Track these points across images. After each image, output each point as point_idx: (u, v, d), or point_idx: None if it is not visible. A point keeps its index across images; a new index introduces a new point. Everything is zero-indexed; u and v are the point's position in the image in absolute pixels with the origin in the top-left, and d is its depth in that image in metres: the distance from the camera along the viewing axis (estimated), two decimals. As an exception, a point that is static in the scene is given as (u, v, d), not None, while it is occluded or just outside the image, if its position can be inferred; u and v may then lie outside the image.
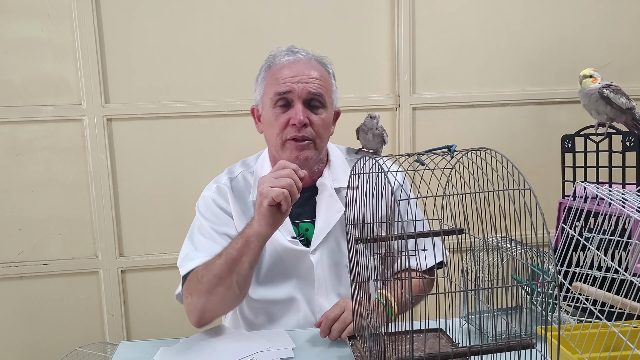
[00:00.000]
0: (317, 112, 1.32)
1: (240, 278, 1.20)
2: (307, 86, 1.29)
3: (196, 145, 2.16)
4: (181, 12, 2.11)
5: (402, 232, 0.82)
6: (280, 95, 1.30)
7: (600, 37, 2.31)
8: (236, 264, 1.19)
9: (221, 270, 1.20)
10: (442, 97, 2.26)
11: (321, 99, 1.31)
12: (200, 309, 1.23)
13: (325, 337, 1.18)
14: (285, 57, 1.35)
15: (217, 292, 1.21)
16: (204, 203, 1.38)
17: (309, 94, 1.29)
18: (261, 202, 1.15)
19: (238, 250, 1.19)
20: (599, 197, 1.10)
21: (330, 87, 1.37)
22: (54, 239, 2.15)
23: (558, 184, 1.50)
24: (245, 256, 1.19)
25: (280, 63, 1.34)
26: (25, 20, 2.04)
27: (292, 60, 1.33)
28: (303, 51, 1.37)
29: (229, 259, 1.20)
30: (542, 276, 0.89)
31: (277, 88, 1.30)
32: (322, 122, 1.32)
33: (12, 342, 2.17)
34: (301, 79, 1.29)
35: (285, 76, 1.30)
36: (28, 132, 2.09)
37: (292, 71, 1.31)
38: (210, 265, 1.22)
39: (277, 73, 1.32)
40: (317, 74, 1.32)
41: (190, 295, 1.24)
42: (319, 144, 1.34)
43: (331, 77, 1.39)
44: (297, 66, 1.32)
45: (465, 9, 2.24)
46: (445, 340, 1.11)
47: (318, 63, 1.36)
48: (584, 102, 1.42)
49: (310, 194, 1.40)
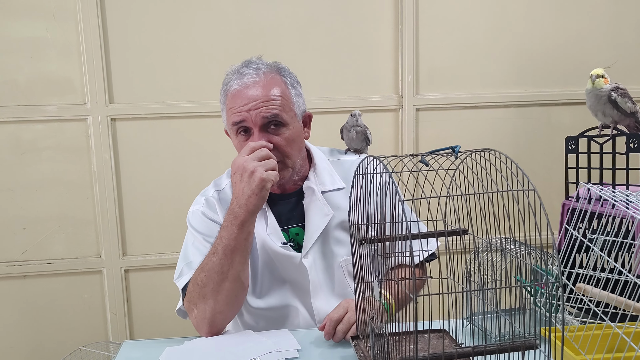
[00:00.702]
0: (279, 132, 1.29)
1: (241, 266, 1.22)
2: (260, 112, 1.25)
3: (200, 146, 2.17)
4: (185, 13, 2.11)
5: (407, 232, 0.82)
6: (238, 125, 1.28)
7: (604, 38, 2.31)
8: (235, 253, 1.20)
9: (222, 265, 1.20)
10: (445, 98, 2.26)
11: (278, 119, 1.27)
12: (209, 316, 1.23)
13: (329, 339, 1.18)
14: (235, 82, 1.29)
15: (224, 289, 1.21)
16: (194, 217, 1.37)
17: (263, 119, 1.26)
18: (264, 186, 1.19)
19: (234, 238, 1.20)
20: (603, 199, 1.10)
21: (289, 99, 1.31)
22: (57, 238, 2.16)
23: (561, 186, 1.50)
24: (245, 241, 1.21)
25: (231, 91, 1.30)
26: (30, 20, 2.05)
27: (241, 88, 1.28)
28: (254, 68, 1.30)
29: (227, 250, 1.20)
30: (545, 277, 0.89)
31: (232, 118, 1.28)
32: (285, 141, 1.29)
33: (16, 341, 2.18)
34: (252, 105, 1.25)
35: (237, 106, 1.27)
36: (32, 132, 2.10)
37: (243, 99, 1.26)
38: (207, 266, 1.22)
39: (230, 102, 1.30)
40: (271, 93, 1.27)
41: (195, 306, 1.24)
42: (290, 162, 1.32)
43: (288, 86, 1.32)
44: (246, 92, 1.27)
45: (469, 10, 2.24)
46: (449, 341, 1.11)
47: (273, 75, 1.30)
48: (591, 103, 1.41)
49: (297, 198, 1.40)
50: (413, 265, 0.79)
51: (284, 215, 1.38)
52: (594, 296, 1.02)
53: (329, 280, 1.37)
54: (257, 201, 1.20)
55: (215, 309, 1.22)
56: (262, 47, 2.10)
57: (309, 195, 1.38)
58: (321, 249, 1.37)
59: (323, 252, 1.37)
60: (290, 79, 1.34)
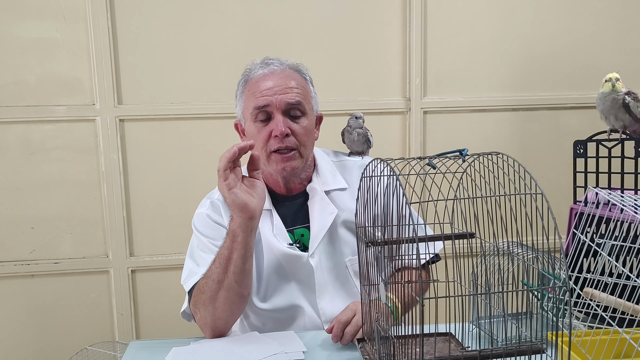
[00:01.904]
0: (298, 121, 1.32)
1: (237, 276, 1.21)
2: (285, 97, 1.29)
3: (207, 147, 2.17)
4: (194, 15, 2.12)
5: (413, 235, 0.82)
6: (260, 109, 1.30)
7: (613, 41, 2.30)
8: (229, 262, 1.20)
9: (218, 274, 1.21)
10: (453, 101, 2.26)
11: (300, 107, 1.32)
12: (210, 321, 1.24)
13: (337, 342, 1.17)
14: (260, 70, 1.34)
15: (220, 297, 1.22)
16: (199, 220, 1.38)
17: (287, 105, 1.30)
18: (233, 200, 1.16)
19: (228, 247, 1.21)
20: (611, 203, 1.10)
21: (309, 93, 1.37)
22: (65, 238, 2.17)
23: (569, 190, 1.50)
24: (236, 252, 1.20)
25: (256, 77, 1.34)
26: (41, 20, 2.07)
27: (266, 73, 1.33)
28: (277, 61, 1.36)
29: (222, 260, 1.21)
30: (553, 281, 0.89)
31: (255, 102, 1.30)
32: (304, 130, 1.32)
33: (23, 339, 2.19)
34: (278, 90, 1.29)
35: (261, 89, 1.30)
36: (42, 132, 2.11)
37: (268, 83, 1.31)
38: (207, 273, 1.24)
39: (254, 87, 1.32)
40: (294, 83, 1.32)
41: (198, 310, 1.25)
42: (304, 152, 1.34)
43: (308, 83, 1.38)
44: (272, 78, 1.32)
45: (477, 13, 2.24)
46: (455, 345, 1.11)
47: (294, 71, 1.36)
48: (605, 106, 1.40)
49: (302, 200, 1.41)
50: (419, 268, 0.79)
51: (289, 216, 1.39)
52: (602, 301, 1.01)
53: (334, 280, 1.38)
54: (238, 218, 1.19)
55: (215, 315, 1.24)
56: (270, 49, 2.11)
57: (313, 195, 1.39)
58: (327, 249, 1.37)
59: (329, 251, 1.38)
60: (309, 78, 1.40)
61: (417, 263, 0.82)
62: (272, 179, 1.39)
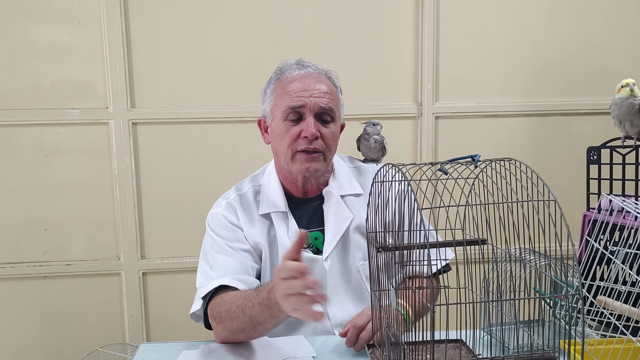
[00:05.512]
0: (327, 126, 1.33)
1: (260, 334, 1.22)
2: (319, 100, 1.31)
3: (219, 151, 2.19)
4: (207, 19, 2.14)
5: (425, 240, 0.82)
6: (293, 109, 1.31)
7: (627, 47, 2.28)
8: (260, 325, 1.16)
9: (244, 325, 1.17)
10: (465, 107, 2.25)
11: (331, 113, 1.33)
12: (223, 338, 1.24)
13: (350, 347, 1.17)
14: (296, 70, 1.36)
15: (240, 338, 1.22)
16: (214, 220, 1.38)
17: (320, 108, 1.31)
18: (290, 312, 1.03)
19: (260, 313, 1.12)
20: (625, 210, 1.09)
21: (339, 101, 1.39)
22: (77, 240, 2.19)
23: (583, 196, 1.48)
24: (271, 323, 1.16)
25: (291, 76, 1.35)
26: (56, 25, 2.09)
27: (303, 74, 1.35)
28: (312, 65, 1.38)
29: (254, 321, 1.15)
30: (565, 289, 0.88)
31: (289, 102, 1.31)
32: (331, 135, 1.34)
33: (35, 340, 2.21)
34: (312, 92, 1.31)
35: (297, 89, 1.32)
36: (56, 135, 2.13)
37: (304, 85, 1.32)
38: (233, 314, 1.18)
39: (288, 86, 1.33)
40: (327, 89, 1.34)
41: (215, 323, 1.24)
42: (328, 156, 1.36)
43: (338, 91, 1.40)
44: (308, 80, 1.33)
45: (490, 18, 2.24)
46: (466, 352, 1.10)
47: (327, 77, 1.38)
48: (621, 112, 1.38)
49: (318, 203, 1.41)
50: (430, 275, 0.79)
51: (304, 219, 1.39)
52: (615, 309, 1.00)
53: (346, 284, 1.38)
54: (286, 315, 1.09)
55: (230, 338, 1.23)
56: (282, 53, 2.11)
57: (328, 199, 1.39)
58: (340, 253, 1.37)
59: (341, 256, 1.38)
60: (339, 87, 1.41)
61: (428, 269, 0.81)
62: (290, 178, 1.39)
